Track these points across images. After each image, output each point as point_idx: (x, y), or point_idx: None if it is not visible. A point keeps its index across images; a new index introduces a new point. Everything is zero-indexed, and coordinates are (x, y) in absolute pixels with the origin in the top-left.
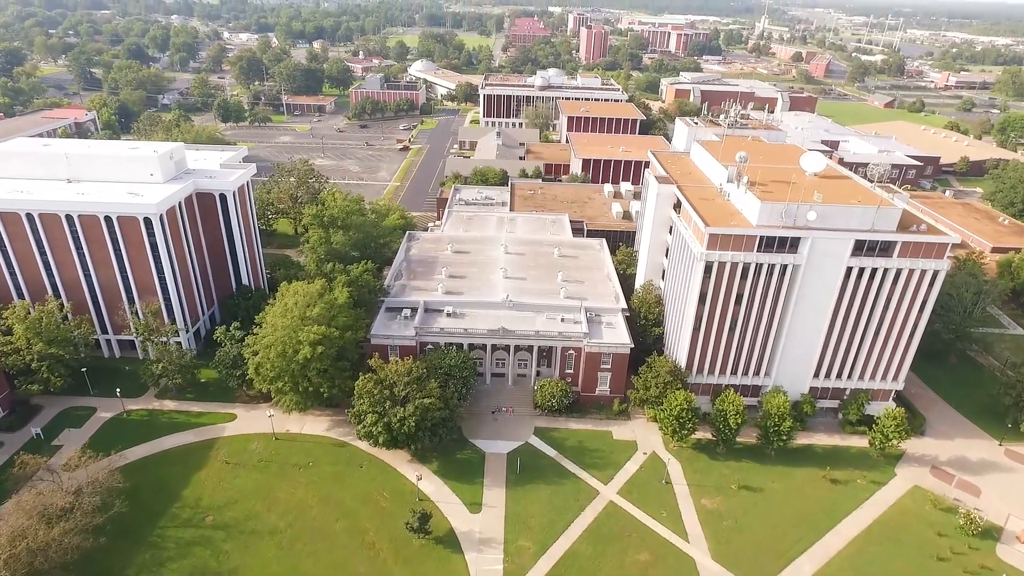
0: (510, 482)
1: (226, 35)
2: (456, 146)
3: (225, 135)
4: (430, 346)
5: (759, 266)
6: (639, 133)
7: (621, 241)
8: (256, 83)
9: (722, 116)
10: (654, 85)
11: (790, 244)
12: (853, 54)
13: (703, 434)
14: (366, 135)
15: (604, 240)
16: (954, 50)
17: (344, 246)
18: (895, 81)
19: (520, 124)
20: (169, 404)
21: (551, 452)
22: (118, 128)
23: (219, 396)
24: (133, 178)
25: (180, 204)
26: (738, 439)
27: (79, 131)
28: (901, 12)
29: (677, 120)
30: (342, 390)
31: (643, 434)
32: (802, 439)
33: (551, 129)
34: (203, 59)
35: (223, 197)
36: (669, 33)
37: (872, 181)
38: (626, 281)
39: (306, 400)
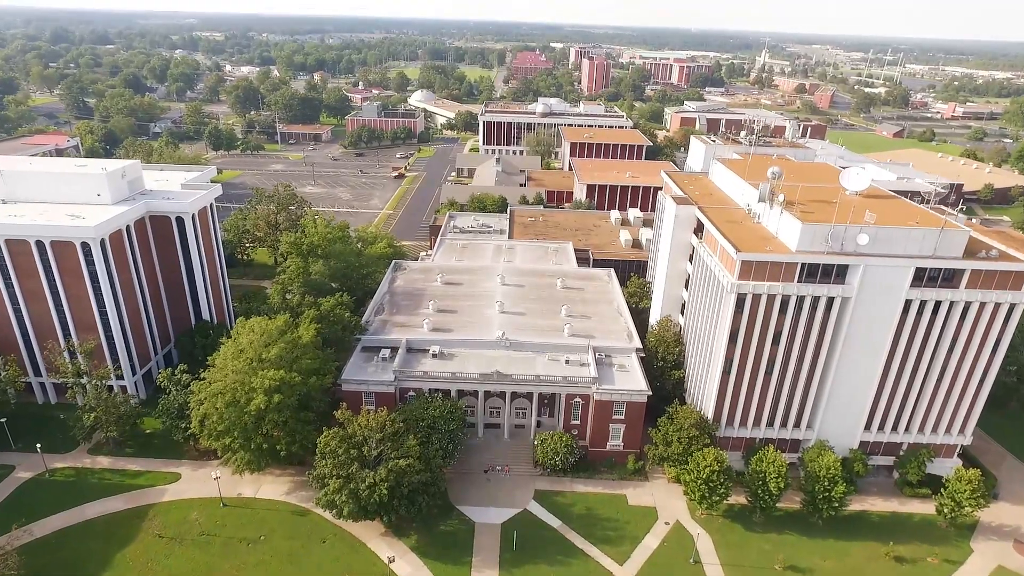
0: (505, 561)
1: (228, 68)
2: (454, 173)
3: (214, 163)
4: (411, 393)
5: (800, 299)
6: (645, 160)
7: (632, 271)
8: (252, 112)
9: (743, 133)
10: (658, 115)
11: (837, 273)
12: (856, 87)
13: (735, 498)
14: (361, 163)
15: (612, 270)
16: (956, 83)
17: (323, 277)
18: (901, 112)
19: (521, 152)
20: (103, 461)
21: (554, 522)
22: (102, 155)
23: (164, 451)
24: (78, 199)
25: (129, 228)
26: (778, 504)
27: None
28: (898, 49)
29: (692, 139)
30: (304, 446)
31: (664, 498)
32: (854, 504)
33: (553, 157)
34: (201, 90)
35: (180, 220)
36: (671, 65)
37: (927, 202)
38: (639, 316)
39: (260, 459)
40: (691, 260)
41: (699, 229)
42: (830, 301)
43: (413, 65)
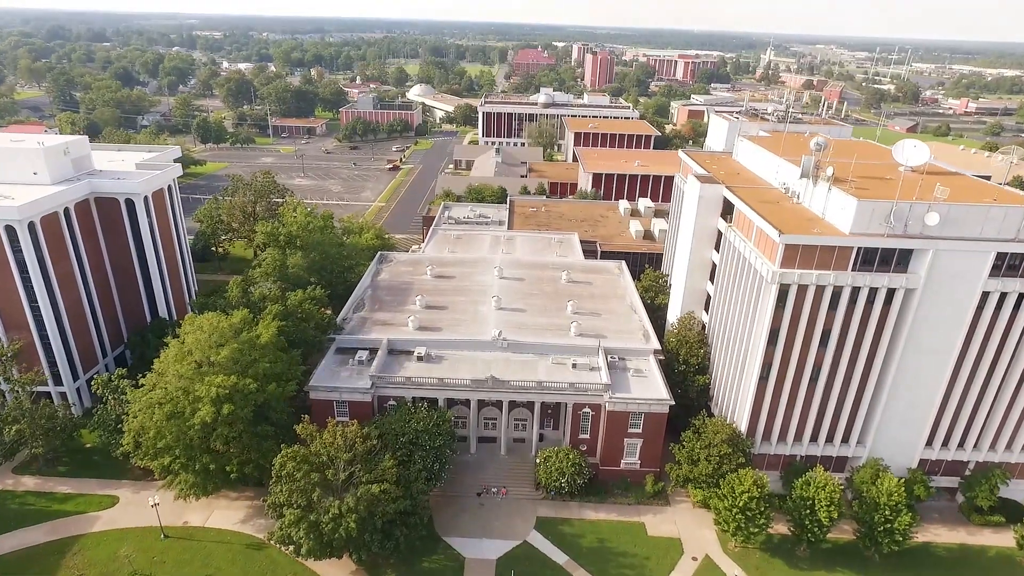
0: None
1: (225, 65)
2: (451, 165)
3: (202, 156)
4: (392, 402)
5: (855, 291)
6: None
7: (646, 263)
8: (245, 106)
9: (770, 108)
10: (664, 109)
11: (898, 260)
12: (863, 84)
13: (774, 526)
14: (355, 156)
15: (623, 263)
16: (964, 80)
17: (300, 270)
18: (912, 109)
19: (522, 144)
20: (28, 482)
21: (560, 557)
22: None
23: (103, 469)
24: (12, 178)
25: (68, 211)
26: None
27: None
28: (904, 48)
29: (712, 116)
30: (260, 467)
31: (689, 527)
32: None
33: (556, 149)
34: (194, 85)
35: (130, 203)
36: (676, 61)
37: (1003, 181)
38: (655, 313)
39: (207, 482)
40: (718, 248)
41: (727, 213)
42: (890, 293)
43: (413, 62)
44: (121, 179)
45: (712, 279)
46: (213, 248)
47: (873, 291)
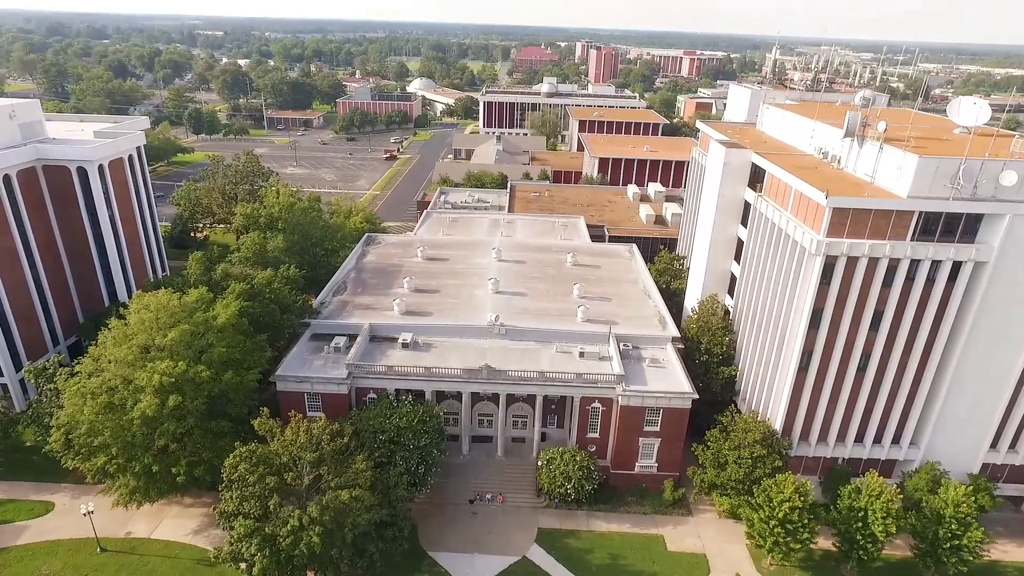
0: None
1: (224, 61)
2: (451, 155)
3: (193, 147)
4: (372, 395)
5: (914, 264)
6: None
7: (660, 247)
8: (241, 99)
9: (797, 76)
10: (669, 104)
11: (965, 227)
12: (869, 82)
13: (816, 539)
14: (351, 147)
15: (635, 246)
16: (973, 79)
17: (279, 253)
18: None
19: (524, 134)
20: None
21: None
22: None
23: (41, 471)
24: None
25: (10, 179)
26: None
27: None
28: (909, 50)
29: (731, 87)
30: (213, 468)
31: (715, 540)
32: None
33: (560, 140)
34: (190, 78)
35: (83, 173)
36: (681, 58)
37: None
38: (671, 299)
39: (150, 486)
40: (744, 223)
41: (757, 180)
42: (955, 267)
43: (415, 60)
44: (73, 145)
45: (738, 258)
46: (192, 233)
47: (935, 265)
